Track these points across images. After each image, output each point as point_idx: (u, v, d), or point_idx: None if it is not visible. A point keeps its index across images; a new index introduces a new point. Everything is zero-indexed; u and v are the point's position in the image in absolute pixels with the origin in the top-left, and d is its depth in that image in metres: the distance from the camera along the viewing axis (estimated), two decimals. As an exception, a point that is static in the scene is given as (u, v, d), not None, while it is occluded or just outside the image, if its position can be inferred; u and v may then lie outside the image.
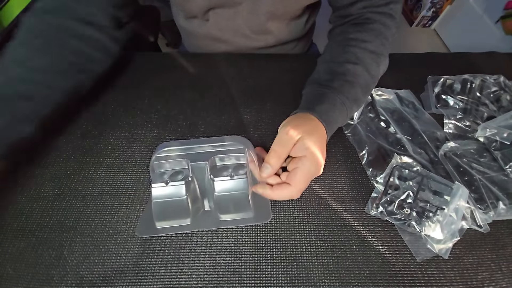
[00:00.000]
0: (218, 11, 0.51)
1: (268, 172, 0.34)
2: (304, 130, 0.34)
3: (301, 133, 0.34)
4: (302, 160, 0.33)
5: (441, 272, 0.34)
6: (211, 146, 0.35)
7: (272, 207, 0.37)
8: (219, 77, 0.51)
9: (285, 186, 0.34)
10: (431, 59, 0.56)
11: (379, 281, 0.33)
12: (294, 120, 0.36)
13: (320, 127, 0.36)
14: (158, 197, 0.33)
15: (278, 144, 0.34)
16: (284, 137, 0.34)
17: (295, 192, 0.34)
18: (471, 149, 0.43)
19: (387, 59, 0.44)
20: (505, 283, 0.33)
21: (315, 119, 0.36)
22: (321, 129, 0.36)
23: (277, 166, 0.34)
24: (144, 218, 0.36)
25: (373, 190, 0.39)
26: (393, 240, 0.36)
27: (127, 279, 0.32)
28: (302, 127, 0.35)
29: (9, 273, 0.32)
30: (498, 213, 0.37)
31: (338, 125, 0.40)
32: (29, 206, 0.36)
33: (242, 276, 0.33)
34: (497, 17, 1.41)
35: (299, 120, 0.36)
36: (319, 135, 0.35)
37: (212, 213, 0.36)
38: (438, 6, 1.73)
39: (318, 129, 0.36)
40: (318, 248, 0.35)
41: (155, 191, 0.33)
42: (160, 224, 0.35)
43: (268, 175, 0.34)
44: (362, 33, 0.42)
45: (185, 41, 0.67)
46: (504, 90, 0.49)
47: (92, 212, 0.36)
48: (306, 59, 0.55)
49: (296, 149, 0.34)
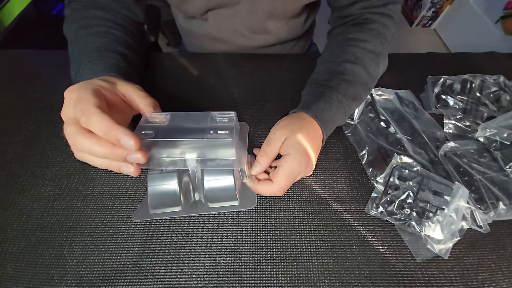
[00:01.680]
0: (217, 11, 0.51)
1: (257, 170, 0.35)
2: (292, 129, 0.35)
3: (288, 132, 0.35)
4: (285, 159, 0.34)
5: (441, 273, 0.34)
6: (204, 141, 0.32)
7: (271, 207, 0.38)
8: (219, 77, 0.51)
9: (268, 183, 0.34)
10: (431, 59, 0.56)
11: (379, 281, 0.33)
12: (285, 119, 0.37)
13: (314, 125, 0.36)
14: (153, 184, 0.34)
15: (267, 143, 0.35)
16: (272, 136, 0.35)
17: (276, 189, 0.34)
18: (471, 149, 0.43)
19: (387, 59, 0.44)
20: (506, 283, 0.33)
21: (308, 118, 0.37)
22: (314, 128, 0.36)
23: (266, 164, 0.35)
24: (141, 206, 0.37)
25: (373, 190, 0.39)
26: (393, 240, 0.36)
27: (127, 278, 0.32)
28: (290, 126, 0.35)
29: (9, 272, 0.32)
30: (498, 213, 0.37)
31: (336, 123, 0.39)
32: (29, 206, 0.36)
33: (242, 276, 0.33)
34: (497, 17, 1.41)
35: (290, 120, 0.37)
36: (308, 133, 0.35)
37: (201, 202, 0.37)
38: (438, 6, 1.73)
39: (308, 128, 0.36)
40: (318, 248, 0.35)
41: (151, 177, 0.34)
42: (153, 211, 0.35)
43: (257, 173, 0.36)
44: (362, 33, 0.42)
45: (185, 41, 0.67)
46: (504, 90, 0.49)
47: (93, 212, 0.36)
48: (306, 59, 0.55)
49: (283, 148, 0.35)
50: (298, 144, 0.34)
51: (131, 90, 0.32)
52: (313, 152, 0.35)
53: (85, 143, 0.27)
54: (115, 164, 0.29)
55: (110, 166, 0.29)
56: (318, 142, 0.37)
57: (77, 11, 0.43)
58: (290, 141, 0.34)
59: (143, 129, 0.31)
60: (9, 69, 0.51)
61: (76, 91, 0.29)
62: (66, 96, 0.29)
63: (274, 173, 0.34)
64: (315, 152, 0.36)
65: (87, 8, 0.43)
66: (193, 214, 0.37)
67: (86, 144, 0.27)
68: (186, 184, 0.35)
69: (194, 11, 0.50)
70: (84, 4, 0.43)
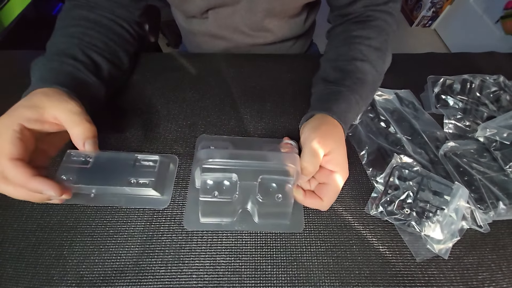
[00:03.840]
0: (217, 10, 0.51)
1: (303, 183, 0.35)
2: (335, 141, 0.33)
3: (331, 146, 0.33)
4: (333, 177, 0.32)
5: (441, 272, 0.34)
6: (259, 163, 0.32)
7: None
8: (219, 77, 0.51)
9: (317, 199, 0.33)
10: (431, 59, 0.56)
11: (379, 281, 0.33)
12: (318, 127, 0.34)
13: (340, 129, 0.36)
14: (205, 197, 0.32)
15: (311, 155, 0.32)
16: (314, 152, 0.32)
17: (325, 206, 0.33)
18: (471, 149, 0.43)
19: (390, 56, 0.44)
20: (506, 283, 0.33)
21: (335, 122, 0.36)
22: (343, 134, 0.36)
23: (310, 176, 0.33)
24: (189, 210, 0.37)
25: (373, 190, 0.39)
26: (393, 240, 0.36)
27: (127, 278, 0.32)
28: (330, 138, 0.33)
29: (9, 273, 0.32)
30: (498, 213, 0.37)
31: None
32: (29, 206, 0.36)
33: (242, 276, 0.33)
34: (497, 17, 1.41)
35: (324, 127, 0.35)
36: (344, 144, 0.34)
37: (249, 214, 0.36)
38: (438, 6, 1.73)
39: (342, 137, 0.35)
40: (318, 248, 0.35)
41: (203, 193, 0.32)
42: (204, 220, 0.36)
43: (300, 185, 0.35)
44: (365, 30, 0.43)
45: (185, 39, 0.67)
46: (504, 90, 0.49)
47: (93, 212, 0.36)
48: (306, 59, 0.55)
49: (327, 162, 0.33)
50: (344, 161, 0.33)
51: (62, 115, 0.30)
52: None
53: (2, 188, 0.28)
54: (37, 199, 0.30)
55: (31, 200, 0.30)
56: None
57: (65, 11, 0.43)
58: (336, 158, 0.33)
59: (64, 171, 0.32)
60: (9, 69, 0.51)
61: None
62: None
63: (324, 191, 0.33)
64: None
65: (76, 8, 0.42)
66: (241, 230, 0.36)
67: (2, 189, 0.28)
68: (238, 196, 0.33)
69: (195, 10, 0.50)
70: (75, 4, 0.43)
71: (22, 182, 0.27)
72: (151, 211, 0.36)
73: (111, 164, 0.34)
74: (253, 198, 0.34)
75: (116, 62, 0.44)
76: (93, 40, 0.41)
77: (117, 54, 0.44)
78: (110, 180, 0.33)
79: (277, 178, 0.33)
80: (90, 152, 0.32)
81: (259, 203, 0.33)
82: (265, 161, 0.31)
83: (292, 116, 0.46)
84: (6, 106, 0.31)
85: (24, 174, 0.27)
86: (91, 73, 0.39)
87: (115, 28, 0.44)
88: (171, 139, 0.43)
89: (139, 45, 0.51)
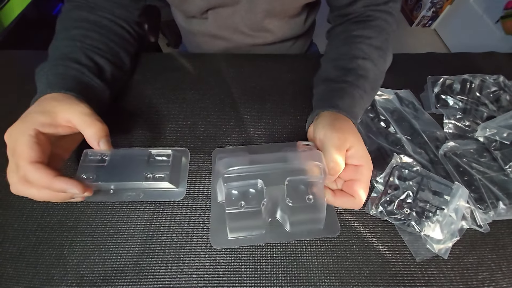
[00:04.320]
0: (217, 10, 0.51)
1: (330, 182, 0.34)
2: (353, 135, 0.33)
3: (351, 140, 0.32)
4: (360, 171, 0.32)
5: (441, 272, 0.34)
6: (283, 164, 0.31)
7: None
8: (219, 77, 0.51)
9: (348, 197, 0.32)
10: (431, 59, 0.56)
11: (379, 281, 0.33)
12: (332, 124, 0.34)
13: (351, 123, 0.35)
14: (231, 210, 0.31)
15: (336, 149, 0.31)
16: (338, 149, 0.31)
17: (359, 204, 0.32)
18: (471, 149, 0.43)
19: (391, 55, 0.44)
20: (506, 283, 0.33)
21: (345, 117, 0.35)
22: (355, 127, 0.35)
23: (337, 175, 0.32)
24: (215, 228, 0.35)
25: (373, 190, 0.39)
26: (393, 240, 0.36)
27: (127, 278, 0.32)
28: (348, 132, 0.33)
29: (10, 272, 0.32)
30: (498, 213, 0.37)
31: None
32: (29, 206, 0.37)
33: (242, 276, 0.33)
34: (497, 17, 1.41)
35: (338, 123, 0.34)
36: (360, 137, 0.34)
37: (280, 224, 0.35)
38: (438, 6, 1.73)
39: (357, 131, 0.35)
40: (318, 248, 0.35)
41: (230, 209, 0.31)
42: (232, 235, 0.34)
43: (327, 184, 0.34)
44: (366, 29, 0.43)
45: (185, 39, 0.67)
46: (503, 90, 0.49)
47: (93, 212, 0.36)
48: (306, 59, 0.55)
49: (351, 158, 0.32)
50: (367, 154, 0.32)
51: (74, 117, 0.31)
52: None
53: (25, 191, 0.29)
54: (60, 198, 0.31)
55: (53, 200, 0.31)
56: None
57: (65, 13, 0.43)
58: (359, 151, 0.32)
59: (84, 170, 0.33)
60: (9, 69, 0.51)
61: (13, 137, 0.29)
62: (5, 140, 0.29)
63: (354, 187, 0.31)
64: None
65: (76, 9, 0.42)
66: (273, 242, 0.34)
67: (26, 192, 0.29)
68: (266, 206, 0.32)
69: (195, 10, 0.50)
70: (75, 5, 0.43)
71: (46, 184, 0.28)
72: (151, 211, 0.36)
73: (127, 161, 0.34)
74: (282, 205, 0.33)
75: (118, 63, 0.44)
76: (94, 42, 0.41)
77: (118, 55, 0.44)
78: (127, 176, 0.33)
79: (305, 179, 0.31)
80: (105, 150, 0.33)
81: (289, 208, 0.31)
82: (289, 162, 0.30)
83: (292, 116, 0.46)
84: (6, 106, 0.31)
85: (47, 176, 0.28)
86: (96, 76, 0.39)
87: (115, 28, 0.44)
88: (171, 139, 0.43)
89: (139, 45, 0.51)
